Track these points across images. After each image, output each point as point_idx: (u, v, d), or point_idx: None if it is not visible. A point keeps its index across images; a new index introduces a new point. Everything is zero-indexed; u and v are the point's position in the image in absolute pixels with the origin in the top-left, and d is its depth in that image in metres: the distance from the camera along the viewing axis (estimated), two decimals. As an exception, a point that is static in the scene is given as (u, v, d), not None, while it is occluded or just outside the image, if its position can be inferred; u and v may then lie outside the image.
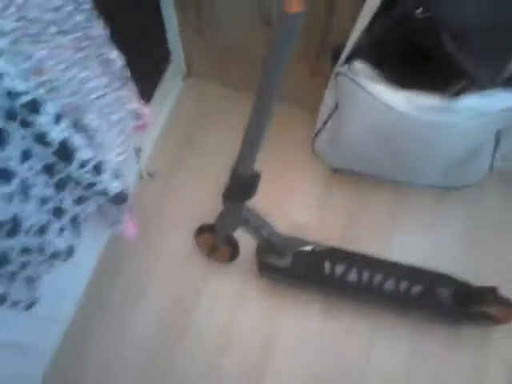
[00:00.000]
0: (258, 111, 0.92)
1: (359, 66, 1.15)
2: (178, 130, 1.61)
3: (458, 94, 1.09)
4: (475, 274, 1.28)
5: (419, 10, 0.93)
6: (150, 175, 1.51)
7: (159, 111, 1.59)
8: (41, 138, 0.71)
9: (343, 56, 1.18)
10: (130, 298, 1.33)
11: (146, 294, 1.34)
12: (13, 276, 0.80)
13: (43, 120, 0.70)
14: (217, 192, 1.09)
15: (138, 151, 1.34)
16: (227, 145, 1.09)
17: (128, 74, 0.93)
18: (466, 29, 0.94)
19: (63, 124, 0.73)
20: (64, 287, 1.14)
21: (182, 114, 1.64)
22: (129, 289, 1.34)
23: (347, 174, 1.44)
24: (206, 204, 1.07)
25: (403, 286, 1.26)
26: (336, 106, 1.25)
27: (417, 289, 1.26)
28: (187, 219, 1.39)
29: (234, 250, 1.32)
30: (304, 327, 1.30)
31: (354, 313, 1.31)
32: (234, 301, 1.33)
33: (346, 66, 1.17)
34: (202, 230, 1.31)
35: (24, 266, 0.80)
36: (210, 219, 1.22)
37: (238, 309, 1.33)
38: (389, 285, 1.27)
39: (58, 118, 0.72)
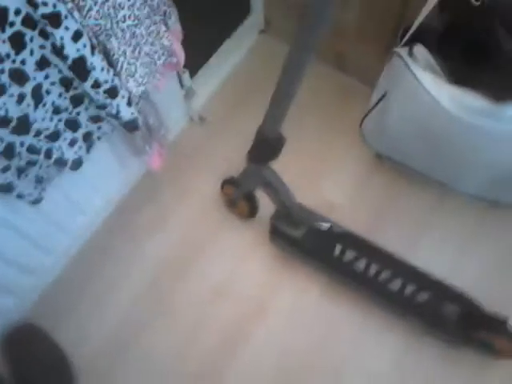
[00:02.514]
0: (288, 74, 0.91)
1: (420, 50, 1.08)
2: (241, 82, 1.63)
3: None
4: (493, 302, 1.18)
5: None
6: (201, 119, 1.55)
7: (227, 59, 1.62)
8: (58, 51, 0.77)
9: (406, 38, 1.11)
10: (148, 229, 1.41)
11: (164, 228, 1.41)
12: (22, 171, 0.89)
13: (61, 34, 0.75)
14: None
15: (190, 93, 1.39)
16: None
17: (170, 9, 0.96)
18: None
19: (81, 42, 0.78)
20: (82, 200, 1.23)
21: (250, 67, 1.66)
22: (150, 220, 1.42)
23: (391, 162, 1.37)
24: (244, 159, 1.10)
25: (410, 289, 1.21)
26: (387, 90, 1.19)
27: (423, 296, 1.20)
28: (222, 169, 1.42)
29: (252, 208, 1.34)
30: (300, 301, 1.30)
31: (353, 302, 1.27)
32: (241, 257, 1.36)
33: (406, 49, 1.10)
34: (228, 182, 1.34)
35: (32, 164, 0.88)
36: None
37: (241, 266, 1.35)
38: (395, 284, 1.22)
39: (77, 36, 0.77)
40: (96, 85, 0.84)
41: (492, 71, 0.96)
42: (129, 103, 0.90)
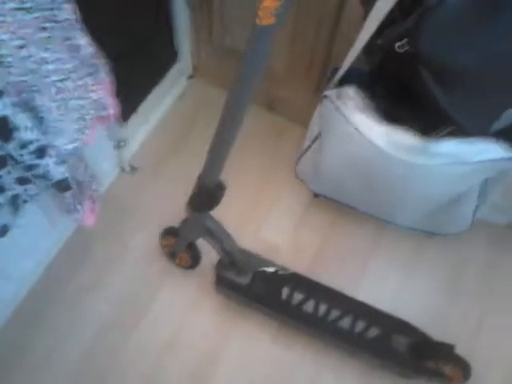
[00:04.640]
0: (226, 123, 0.89)
1: (350, 91, 1.11)
2: (172, 129, 1.60)
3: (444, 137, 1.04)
4: (440, 329, 1.21)
5: (400, 43, 0.88)
6: (133, 169, 1.50)
7: (157, 107, 1.59)
8: (-24, 112, 0.71)
9: (335, 79, 1.14)
10: (87, 288, 1.31)
11: (103, 285, 1.32)
12: None
13: (-20, 94, 0.69)
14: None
15: (120, 143, 1.34)
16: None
17: (99, 62, 0.92)
18: (451, 71, 0.89)
19: (2, 101, 0.72)
20: (8, 266, 1.13)
21: (180, 113, 1.64)
22: (88, 278, 1.33)
23: (328, 201, 1.39)
24: (182, 207, 1.05)
25: (359, 326, 1.21)
26: (320, 131, 1.21)
27: (373, 332, 1.20)
28: (159, 218, 1.36)
29: (194, 258, 1.30)
30: (252, 349, 1.26)
31: (306, 344, 1.26)
32: (187, 309, 1.30)
33: (336, 90, 1.13)
34: (167, 232, 1.29)
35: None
36: (179, 223, 1.20)
37: (188, 318, 1.29)
38: (344, 323, 1.21)
39: (-2, 94, 0.71)
40: (21, 145, 0.77)
41: (419, 109, 1.01)
42: (58, 162, 0.84)
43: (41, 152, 0.81)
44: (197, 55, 1.64)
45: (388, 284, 1.37)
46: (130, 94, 1.43)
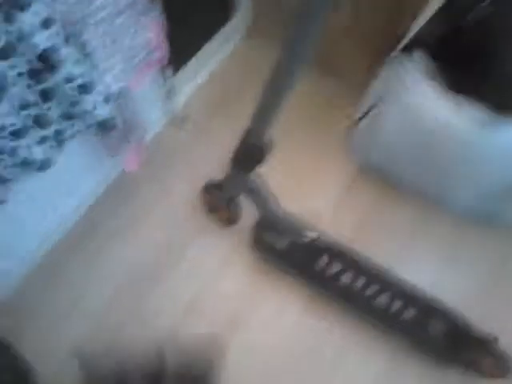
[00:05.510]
0: (277, 82, 0.84)
1: (416, 60, 1.02)
2: (224, 83, 1.57)
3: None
4: (481, 319, 1.14)
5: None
6: (182, 119, 1.48)
7: (208, 61, 1.55)
8: (25, 38, 0.69)
9: (402, 44, 1.06)
10: (123, 231, 1.33)
11: (139, 231, 1.33)
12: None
13: (28, 19, 0.67)
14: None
15: (171, 92, 1.32)
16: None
17: (153, 4, 0.88)
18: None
19: (51, 31, 0.70)
20: (52, 203, 1.15)
21: (233, 68, 1.60)
22: (125, 222, 1.34)
23: (376, 174, 1.32)
24: (227, 162, 1.03)
25: (396, 305, 1.16)
26: (381, 97, 1.13)
27: (410, 313, 1.15)
28: (203, 171, 1.34)
29: (233, 215, 1.27)
30: (280, 316, 1.24)
31: (338, 315, 1.21)
32: (219, 266, 1.29)
33: (403, 55, 1.05)
34: (209, 187, 1.27)
35: (-6, 163, 0.79)
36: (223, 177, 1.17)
37: (219, 274, 1.28)
38: (381, 299, 1.16)
39: (46, 23, 0.69)
40: (69, 79, 0.76)
41: (493, 82, 0.92)
42: (106, 100, 0.82)
43: (87, 88, 0.79)
44: (252, 14, 1.57)
45: (428, 267, 1.29)
46: (184, 45, 1.39)
